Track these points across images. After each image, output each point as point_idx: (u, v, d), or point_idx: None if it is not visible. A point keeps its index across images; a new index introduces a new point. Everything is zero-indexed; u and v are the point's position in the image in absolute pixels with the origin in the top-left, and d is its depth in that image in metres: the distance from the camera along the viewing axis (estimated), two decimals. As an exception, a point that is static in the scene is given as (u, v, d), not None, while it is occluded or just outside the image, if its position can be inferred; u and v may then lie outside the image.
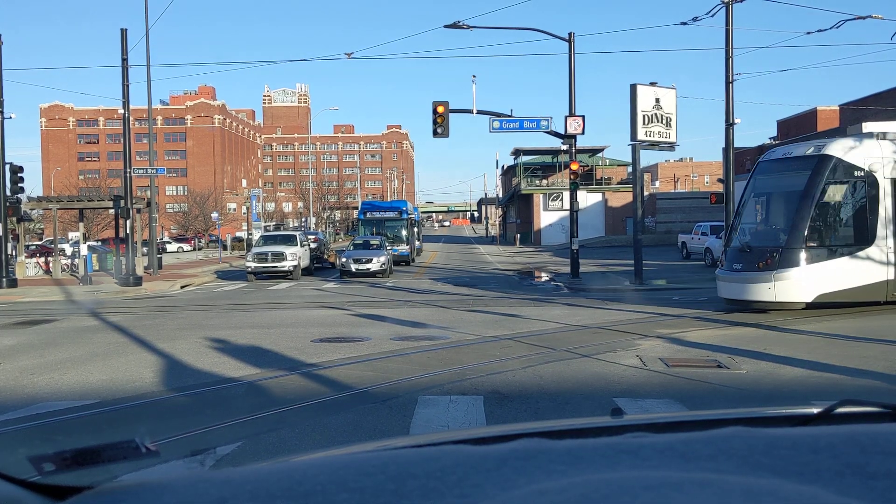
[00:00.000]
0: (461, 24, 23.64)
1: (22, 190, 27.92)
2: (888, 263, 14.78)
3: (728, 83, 21.76)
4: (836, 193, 14.96)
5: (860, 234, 14.79)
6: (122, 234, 29.28)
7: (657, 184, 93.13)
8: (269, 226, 63.99)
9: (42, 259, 33.65)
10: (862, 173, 14.77)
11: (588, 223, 51.84)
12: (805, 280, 14.28)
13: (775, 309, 14.52)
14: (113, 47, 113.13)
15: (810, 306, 14.38)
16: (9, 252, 26.50)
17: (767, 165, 16.34)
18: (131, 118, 28.36)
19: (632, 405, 7.38)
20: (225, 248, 50.87)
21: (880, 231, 14.73)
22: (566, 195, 45.67)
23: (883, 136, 15.49)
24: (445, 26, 23.81)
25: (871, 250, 14.69)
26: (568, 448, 1.08)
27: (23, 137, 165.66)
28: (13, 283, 25.43)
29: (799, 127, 42.64)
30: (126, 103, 27.37)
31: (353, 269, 28.46)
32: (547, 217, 62.03)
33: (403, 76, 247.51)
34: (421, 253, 47.16)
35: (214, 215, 51.52)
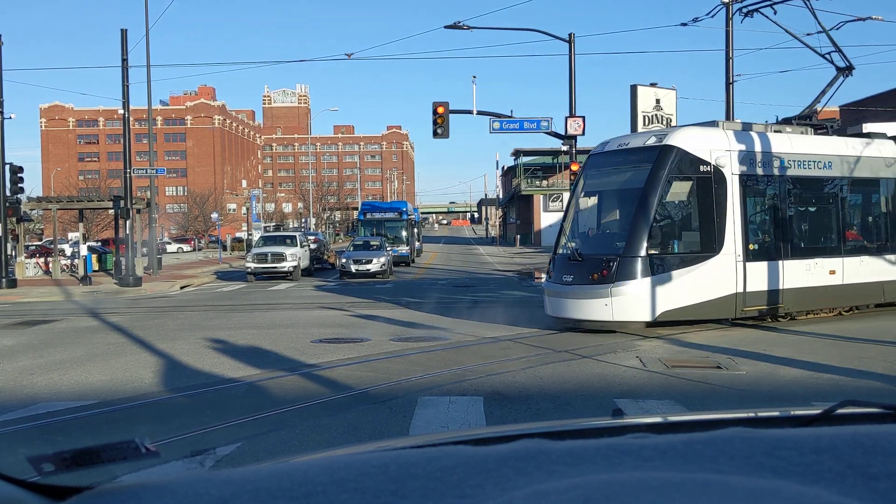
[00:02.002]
0: (461, 24, 23.65)
1: (22, 190, 27.93)
2: (737, 274, 12.90)
3: (728, 84, 21.77)
4: (681, 192, 13.06)
5: (707, 240, 12.81)
6: (121, 235, 29.27)
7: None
8: (269, 226, 63.94)
9: (42, 259, 33.64)
10: (708, 168, 12.83)
11: (588, 224, 51.73)
12: (647, 294, 12.25)
13: (613, 329, 12.45)
14: (113, 48, 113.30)
15: (651, 325, 12.56)
16: (8, 252, 26.49)
17: (600, 159, 14.08)
18: (131, 118, 28.36)
19: (632, 406, 7.38)
20: (225, 248, 50.87)
21: (728, 236, 12.85)
22: (566, 196, 45.69)
23: (731, 125, 14.00)
24: (445, 27, 23.83)
25: (719, 259, 12.75)
26: (569, 449, 1.08)
27: (23, 138, 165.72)
28: (13, 283, 25.43)
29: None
30: (126, 104, 27.38)
31: (353, 270, 28.46)
32: (547, 218, 62.02)
33: (403, 76, 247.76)
34: (421, 254, 47.17)
35: (214, 216, 51.53)
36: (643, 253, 12.28)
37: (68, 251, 38.45)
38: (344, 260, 29.35)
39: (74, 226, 44.25)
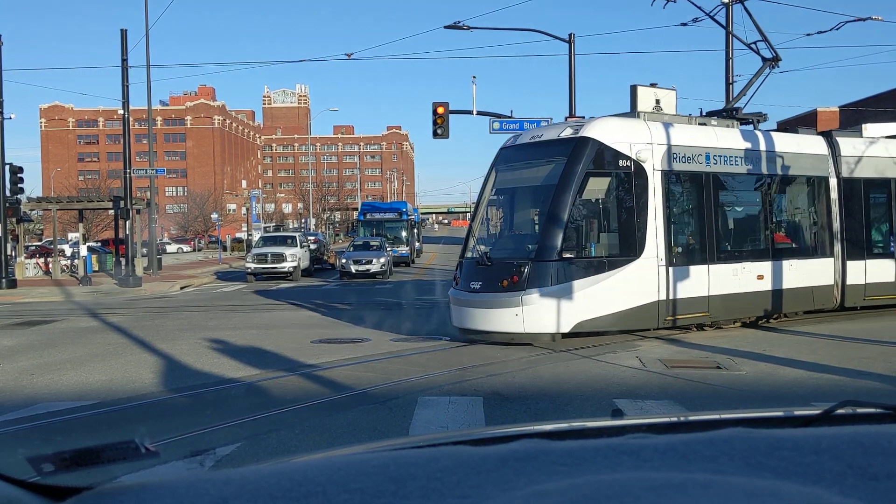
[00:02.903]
0: (461, 24, 23.64)
1: (21, 190, 27.93)
2: (660, 280, 11.87)
3: (728, 84, 21.76)
4: (598, 189, 11.88)
5: (627, 243, 11.79)
6: (121, 235, 29.29)
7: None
8: (269, 227, 63.96)
9: (42, 260, 33.64)
10: (628, 163, 11.77)
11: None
12: (563, 303, 11.14)
13: (524, 342, 11.24)
14: (113, 48, 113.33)
15: (567, 337, 11.43)
16: (8, 253, 26.49)
17: (512, 153, 12.84)
18: (131, 119, 28.36)
19: (632, 406, 7.38)
20: (225, 248, 50.86)
21: (650, 238, 11.81)
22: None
23: (654, 116, 12.97)
24: (445, 27, 23.82)
25: (640, 264, 11.70)
26: (568, 449, 1.08)
27: (22, 138, 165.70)
28: (13, 283, 25.43)
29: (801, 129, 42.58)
30: (126, 104, 27.38)
31: (353, 271, 28.46)
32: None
33: (403, 76, 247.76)
34: (421, 254, 47.17)
35: (214, 216, 51.55)
36: (557, 257, 11.18)
37: (68, 251, 38.44)
38: (344, 260, 29.35)
39: (74, 226, 44.24)
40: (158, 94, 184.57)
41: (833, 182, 14.49)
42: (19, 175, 26.75)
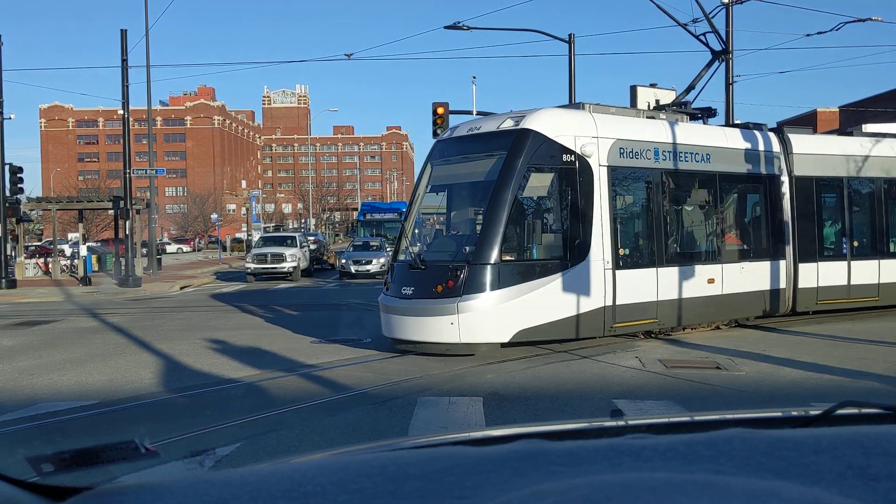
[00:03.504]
0: (461, 24, 23.64)
1: (21, 191, 27.93)
2: (606, 285, 11.06)
3: (728, 84, 21.76)
4: (541, 185, 11.10)
5: (572, 244, 10.92)
6: (121, 235, 29.27)
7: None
8: (269, 227, 64.00)
9: (41, 260, 33.63)
10: (573, 158, 10.92)
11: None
12: (502, 310, 10.28)
13: (460, 353, 10.29)
14: (113, 48, 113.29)
15: (506, 347, 10.60)
16: (8, 253, 26.49)
17: (449, 146, 11.92)
18: (131, 119, 28.36)
19: (631, 407, 7.38)
20: (224, 249, 50.86)
21: (596, 239, 10.99)
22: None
23: (600, 108, 12.10)
24: (445, 27, 23.82)
25: (585, 267, 10.86)
26: (568, 449, 1.08)
27: (22, 138, 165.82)
28: (12, 283, 25.43)
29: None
30: (126, 104, 27.37)
31: (353, 271, 28.45)
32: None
33: (403, 77, 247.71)
34: (420, 254, 47.05)
35: (214, 216, 51.51)
36: (497, 259, 10.30)
37: (68, 251, 38.43)
38: (343, 260, 29.35)
39: (74, 226, 44.24)
40: (158, 94, 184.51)
41: (785, 180, 13.89)
42: (19, 175, 26.75)
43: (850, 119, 32.26)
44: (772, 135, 14.03)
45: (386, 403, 7.83)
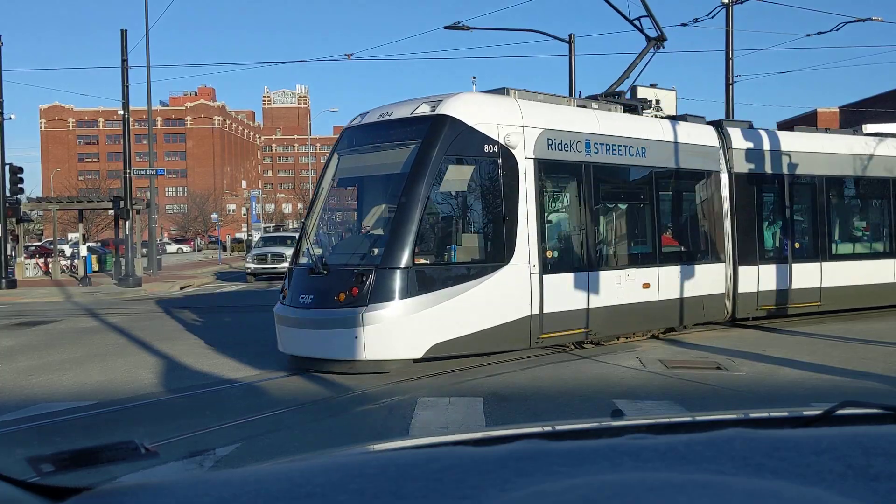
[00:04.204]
0: (461, 24, 23.65)
1: (21, 191, 27.94)
2: (532, 291, 10.03)
3: (728, 85, 21.79)
4: (459, 179, 10.02)
5: (494, 246, 9.91)
6: (121, 236, 29.28)
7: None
8: (269, 227, 64.00)
9: (41, 260, 33.65)
10: (495, 149, 9.88)
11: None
12: (415, 321, 9.17)
13: (367, 372, 9.11)
14: (113, 48, 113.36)
15: (422, 362, 9.46)
16: (8, 253, 26.50)
17: (357, 134, 10.69)
18: (131, 119, 28.36)
19: (631, 407, 7.38)
20: (224, 249, 50.88)
21: (521, 240, 9.94)
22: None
23: (526, 95, 10.97)
24: (445, 27, 23.82)
25: (510, 271, 9.82)
26: (568, 449, 1.08)
27: (22, 138, 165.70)
28: (12, 283, 25.43)
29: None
30: (126, 104, 27.38)
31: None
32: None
33: (403, 76, 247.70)
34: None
35: (214, 216, 51.61)
36: (408, 263, 9.19)
37: (68, 252, 38.45)
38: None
39: (74, 226, 44.27)
40: (158, 94, 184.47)
41: (724, 178, 13.08)
42: (19, 175, 26.76)
43: (851, 119, 32.25)
44: (711, 128, 13.31)
45: (386, 404, 7.83)
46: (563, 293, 10.40)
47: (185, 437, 6.51)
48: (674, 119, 13.22)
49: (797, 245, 14.00)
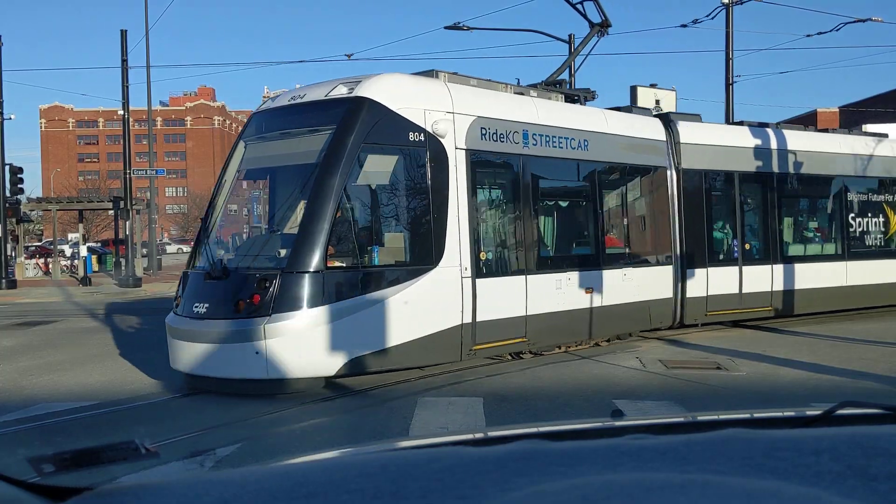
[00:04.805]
0: (461, 25, 23.65)
1: (21, 191, 27.96)
2: (464, 297, 9.06)
3: (728, 85, 21.79)
4: (380, 171, 8.90)
5: (420, 247, 8.90)
6: (121, 236, 29.29)
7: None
8: (269, 227, 63.90)
9: (41, 260, 33.66)
10: (422, 137, 8.89)
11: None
12: (327, 333, 8.06)
13: (270, 393, 8.03)
14: (113, 49, 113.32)
15: (337, 378, 8.39)
16: (8, 253, 26.50)
17: (266, 119, 9.58)
18: (131, 119, 28.37)
19: (631, 407, 7.38)
20: (224, 249, 50.80)
21: (451, 241, 8.96)
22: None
23: (457, 79, 9.92)
24: (445, 27, 23.81)
25: (438, 275, 8.83)
26: (568, 450, 1.08)
27: (22, 138, 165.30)
28: (12, 284, 25.44)
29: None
30: (126, 104, 27.38)
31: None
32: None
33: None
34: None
35: (214, 216, 51.47)
36: (319, 266, 8.10)
37: (68, 252, 38.48)
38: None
39: (74, 226, 44.26)
40: (158, 94, 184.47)
41: (672, 174, 12.32)
42: (19, 175, 26.77)
43: (851, 119, 32.25)
44: (658, 121, 12.54)
45: (386, 404, 7.83)
46: (499, 299, 9.53)
47: (186, 437, 6.52)
48: (618, 111, 12.56)
49: (747, 246, 13.36)
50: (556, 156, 10.65)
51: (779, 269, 13.45)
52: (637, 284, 11.47)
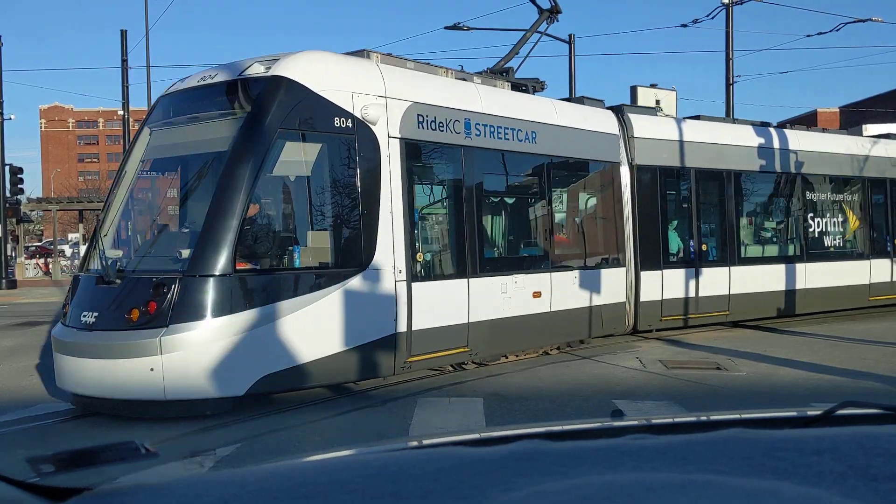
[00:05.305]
0: (461, 25, 23.66)
1: (21, 191, 27.98)
2: (399, 303, 8.21)
3: (728, 85, 21.81)
4: (299, 160, 7.89)
5: (347, 246, 8.01)
6: (121, 236, 29.27)
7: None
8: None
9: (41, 260, 33.68)
10: (349, 123, 7.94)
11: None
12: (235, 347, 7.05)
13: (173, 415, 6.94)
14: (113, 49, 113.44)
15: (248, 397, 7.22)
16: (8, 253, 26.52)
17: (172, 103, 8.46)
18: (131, 119, 28.38)
19: (631, 407, 7.38)
20: (224, 249, 50.82)
21: (384, 240, 8.06)
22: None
23: (392, 60, 9.12)
24: (445, 27, 23.80)
25: (368, 278, 7.92)
26: (568, 450, 1.08)
27: (22, 138, 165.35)
28: (13, 284, 25.46)
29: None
30: (126, 104, 27.41)
31: None
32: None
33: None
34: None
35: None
36: (227, 269, 7.08)
37: (68, 252, 38.49)
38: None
39: (74, 227, 44.27)
40: (158, 94, 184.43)
41: (625, 171, 11.65)
42: (19, 176, 26.79)
43: (851, 119, 32.26)
44: (611, 114, 11.79)
45: (386, 404, 7.83)
46: (437, 305, 8.70)
47: (186, 438, 6.51)
48: (569, 101, 11.82)
49: (704, 247, 12.72)
50: (502, 148, 9.84)
51: (737, 271, 12.89)
52: (588, 288, 10.75)
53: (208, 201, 7.45)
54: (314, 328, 7.56)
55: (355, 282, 7.85)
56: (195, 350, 6.93)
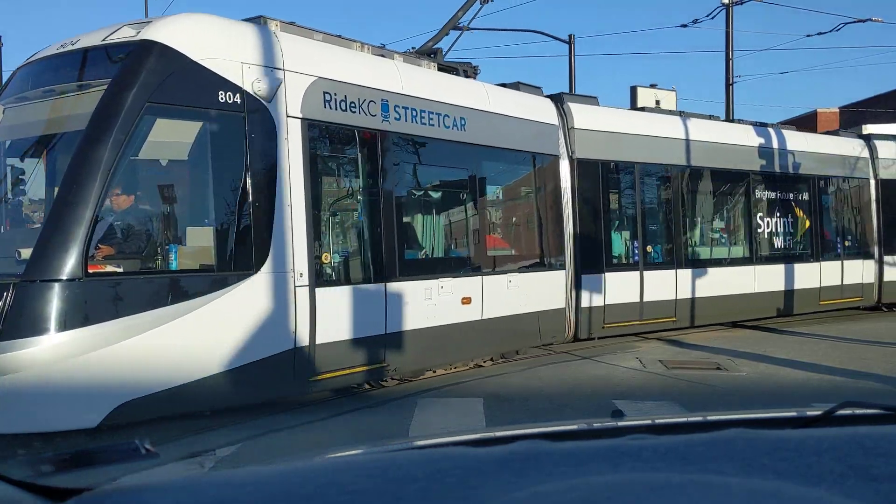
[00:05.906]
0: (461, 25, 23.66)
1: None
2: (298, 312, 7.01)
3: (728, 85, 21.80)
4: (173, 141, 6.75)
5: (239, 245, 6.80)
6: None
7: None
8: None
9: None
10: (237, 98, 6.71)
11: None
12: (88, 367, 5.83)
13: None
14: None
15: (109, 426, 5.97)
16: (8, 253, 26.52)
17: (29, 75, 7.12)
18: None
19: (631, 407, 7.38)
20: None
21: (279, 239, 6.90)
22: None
23: (292, 29, 7.76)
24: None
25: (261, 283, 6.74)
26: (568, 450, 1.08)
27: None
28: (13, 284, 25.44)
29: (799, 130, 42.67)
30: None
31: None
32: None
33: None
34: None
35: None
36: (76, 272, 5.85)
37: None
38: None
39: (74, 227, 44.28)
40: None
41: (565, 165, 10.68)
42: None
43: (851, 119, 32.27)
44: (548, 102, 10.79)
45: (385, 404, 7.83)
46: (347, 314, 7.52)
47: (186, 438, 6.51)
48: (504, 87, 10.58)
49: (649, 249, 11.91)
50: (426, 135, 8.68)
51: (684, 274, 12.04)
52: (525, 293, 9.76)
53: (57, 194, 6.31)
54: (191, 344, 6.34)
55: (244, 287, 6.62)
56: (34, 372, 5.71)
